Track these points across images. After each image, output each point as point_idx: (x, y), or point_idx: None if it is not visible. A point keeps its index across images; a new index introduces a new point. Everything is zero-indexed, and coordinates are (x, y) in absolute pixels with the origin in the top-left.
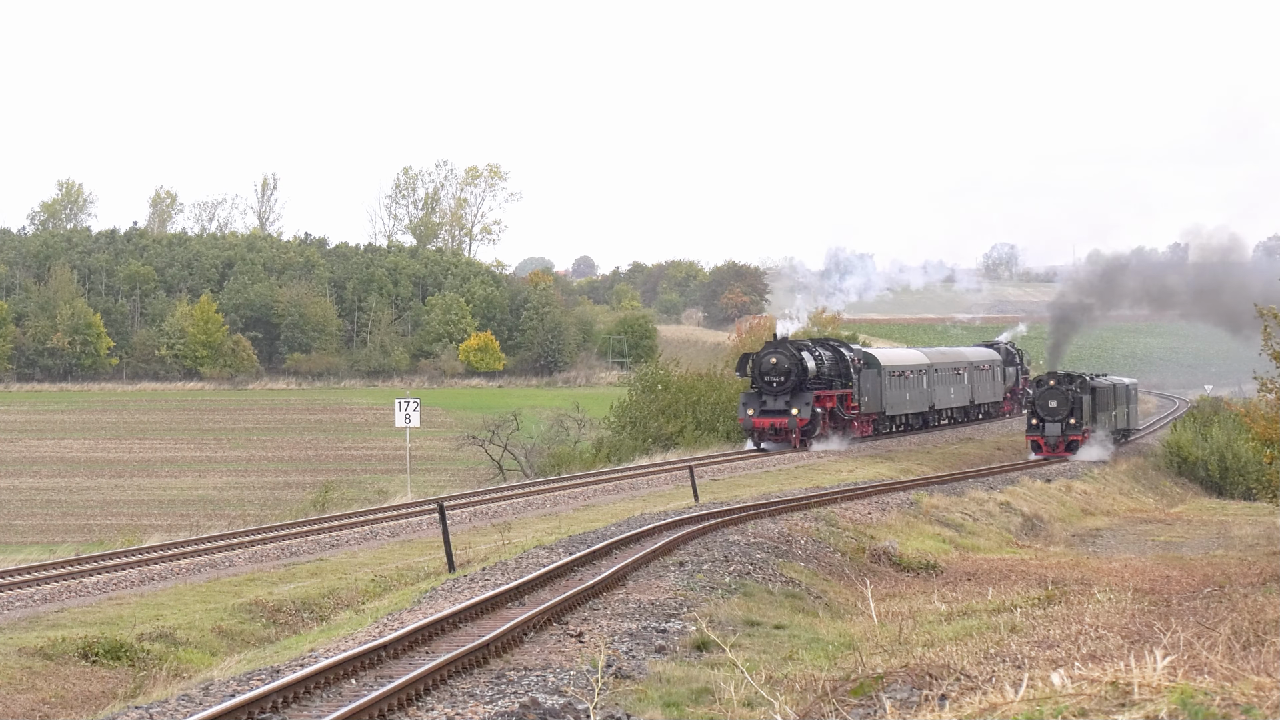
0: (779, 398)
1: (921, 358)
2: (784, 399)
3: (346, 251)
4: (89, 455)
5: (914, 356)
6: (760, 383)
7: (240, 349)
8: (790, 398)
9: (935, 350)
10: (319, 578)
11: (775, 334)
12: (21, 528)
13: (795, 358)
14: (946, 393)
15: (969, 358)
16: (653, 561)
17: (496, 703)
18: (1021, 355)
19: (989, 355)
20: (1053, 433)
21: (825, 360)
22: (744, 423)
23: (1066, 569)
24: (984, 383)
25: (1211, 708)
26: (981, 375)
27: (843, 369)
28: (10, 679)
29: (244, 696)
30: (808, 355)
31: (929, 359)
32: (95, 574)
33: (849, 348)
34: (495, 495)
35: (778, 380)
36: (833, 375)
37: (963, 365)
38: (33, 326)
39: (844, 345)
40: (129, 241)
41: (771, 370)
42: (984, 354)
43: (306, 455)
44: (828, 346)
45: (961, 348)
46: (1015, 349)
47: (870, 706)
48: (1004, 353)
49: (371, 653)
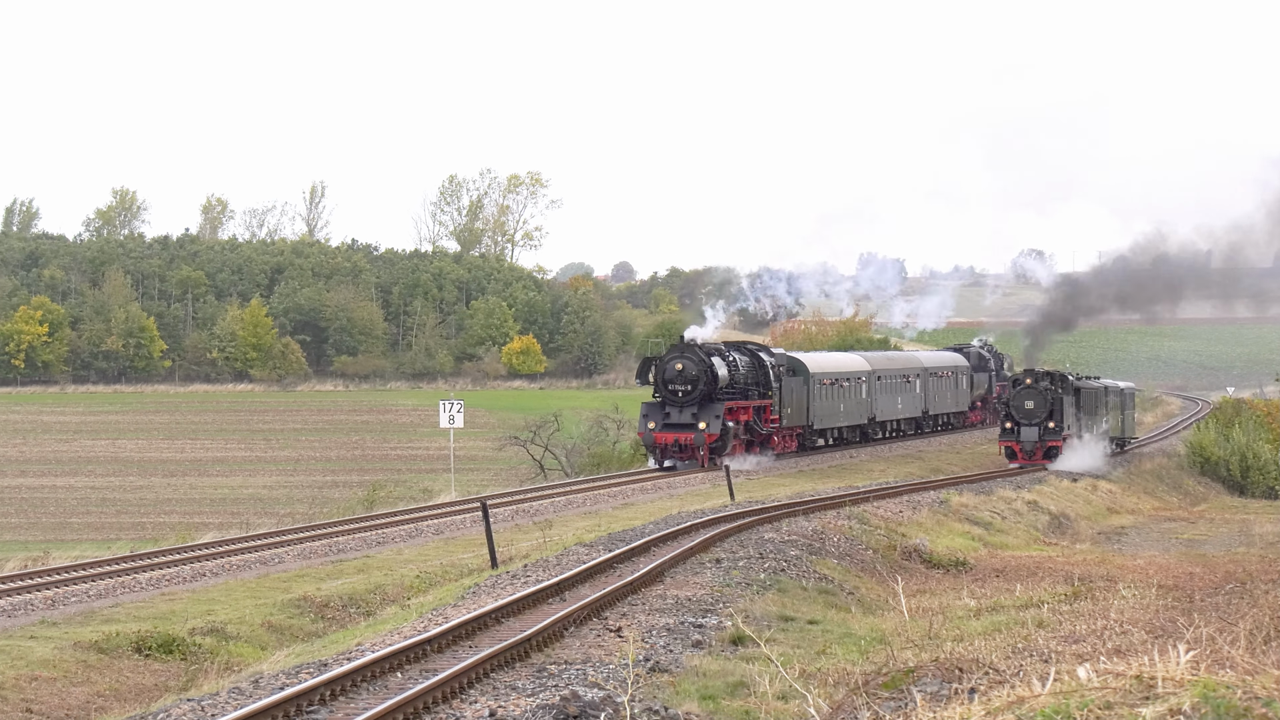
0: (685, 409)
1: (861, 363)
2: (690, 411)
3: (393, 257)
4: (142, 455)
5: (851, 362)
6: (664, 392)
7: (289, 352)
8: (698, 410)
9: (880, 355)
10: (366, 574)
11: (684, 335)
12: (77, 525)
13: (704, 363)
14: (892, 402)
15: (923, 363)
16: (690, 558)
17: (538, 695)
18: (1001, 360)
19: (951, 360)
20: (1029, 438)
21: (740, 366)
22: (644, 438)
23: (1092, 566)
24: (942, 391)
25: (1233, 701)
26: (940, 383)
27: (761, 376)
28: (66, 672)
29: (292, 689)
30: (719, 361)
31: (870, 365)
32: (149, 570)
33: (770, 352)
34: (537, 494)
35: (683, 389)
36: (749, 384)
37: (914, 372)
38: (88, 330)
39: (764, 349)
40: (181, 247)
41: (676, 378)
42: (945, 359)
43: (353, 455)
44: (745, 351)
45: (917, 352)
46: (991, 353)
47: (901, 700)
48: (974, 358)
49: (416, 647)
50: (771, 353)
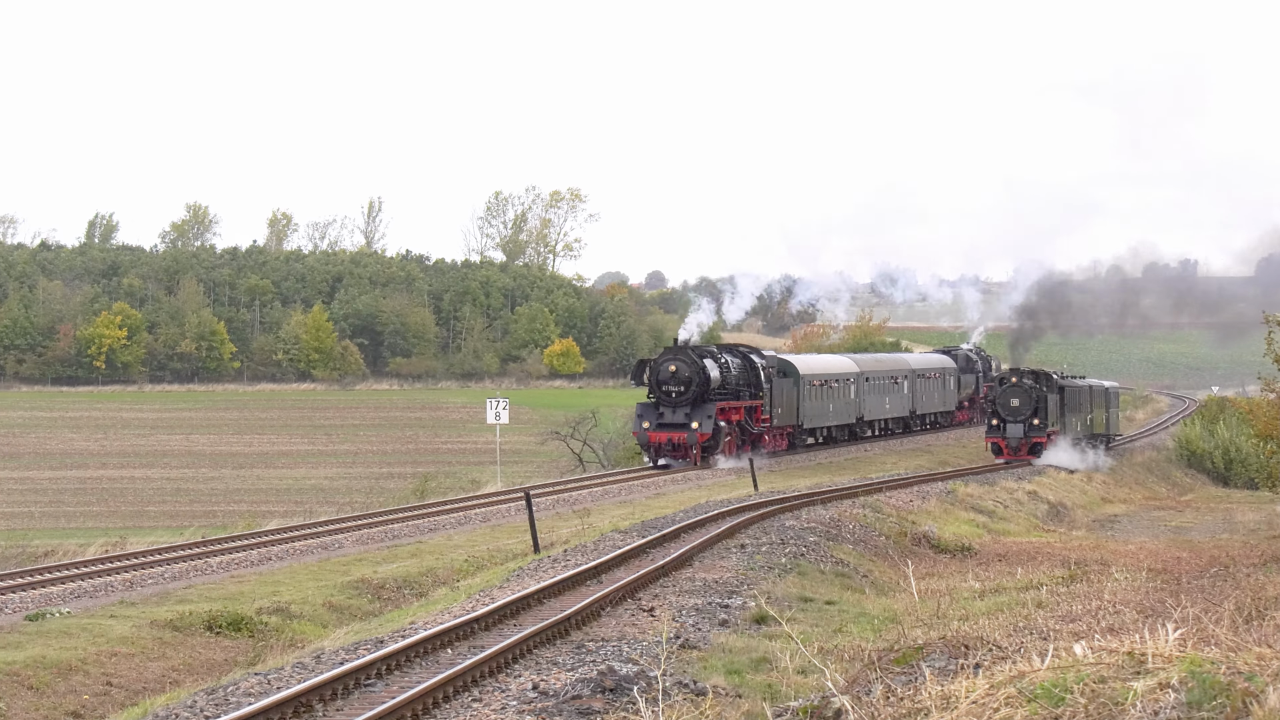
0: (678, 410)
1: (850, 365)
2: (684, 411)
3: (443, 267)
4: (213, 449)
5: (840, 364)
6: (658, 393)
7: (348, 354)
8: (691, 410)
9: (869, 357)
10: (418, 558)
11: (677, 338)
12: (153, 513)
13: (697, 365)
14: (880, 403)
15: (911, 365)
16: (717, 544)
17: (577, 670)
18: (989, 362)
19: (939, 362)
20: (1014, 434)
21: (732, 368)
22: (639, 437)
23: (1087, 551)
24: (930, 391)
25: (1217, 675)
26: (927, 383)
27: (753, 378)
28: (143, 649)
29: (352, 664)
30: (711, 363)
31: (859, 367)
32: (219, 555)
33: (761, 354)
34: (576, 485)
35: (677, 390)
36: (740, 385)
37: (902, 373)
38: (164, 334)
39: (755, 352)
40: (249, 258)
41: (670, 379)
42: (932, 360)
43: (407, 449)
44: (736, 353)
45: (905, 354)
46: (980, 355)
47: (912, 674)
48: (961, 359)
49: (465, 625)
50: (763, 355)
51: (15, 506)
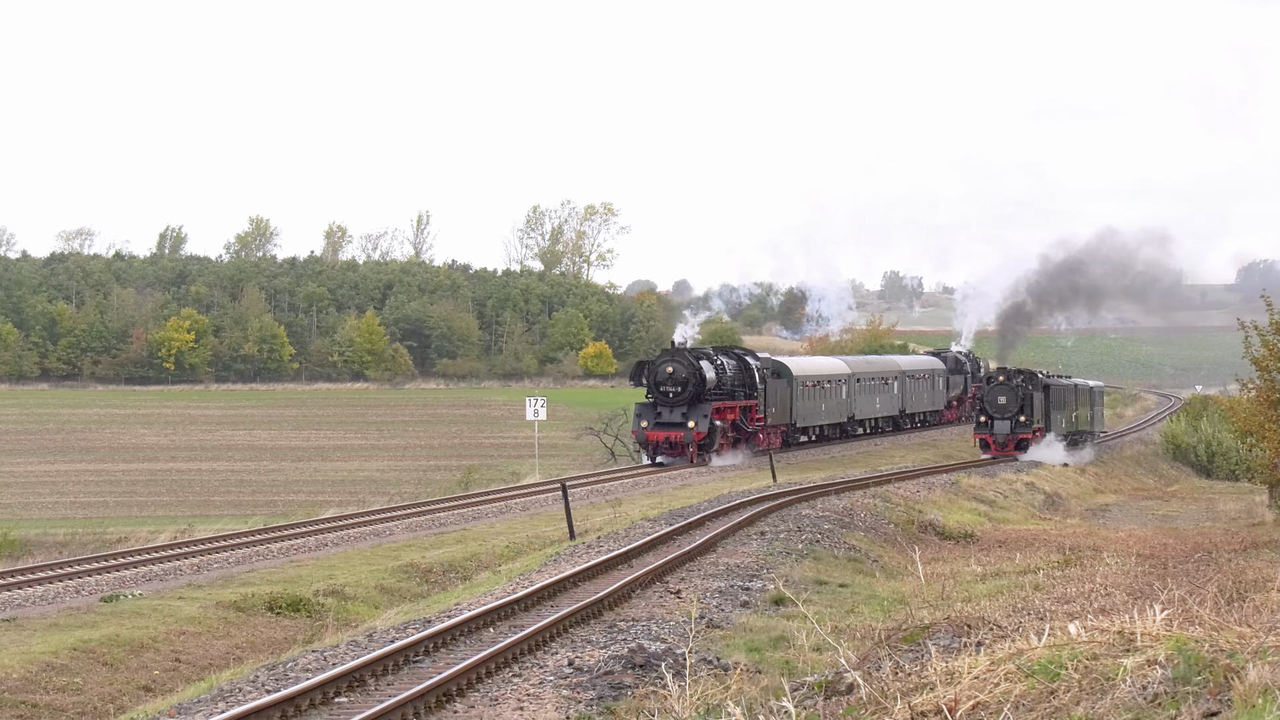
0: (675, 409)
1: (842, 366)
2: (680, 411)
3: (486, 275)
4: (274, 443)
5: (832, 365)
6: (656, 393)
7: (398, 355)
8: (687, 409)
9: (860, 358)
10: (463, 544)
11: (673, 341)
12: (219, 503)
13: (693, 367)
14: (870, 402)
15: (901, 366)
16: (738, 531)
17: (609, 648)
18: (978, 363)
19: (928, 363)
20: (1001, 430)
21: (727, 369)
22: (637, 435)
23: (1081, 538)
24: (919, 392)
25: (1201, 653)
26: (917, 384)
27: (747, 379)
28: (209, 628)
29: (401, 642)
30: (707, 364)
31: (850, 368)
32: (279, 541)
33: (755, 356)
34: (608, 476)
35: (674, 391)
36: (735, 385)
37: (892, 374)
38: (228, 337)
39: (750, 354)
40: (307, 267)
41: (667, 380)
42: (922, 362)
43: (452, 444)
44: (731, 355)
45: (896, 356)
46: (968, 356)
47: (918, 651)
48: (951, 361)
49: (506, 606)
50: (757, 357)
51: (91, 496)
